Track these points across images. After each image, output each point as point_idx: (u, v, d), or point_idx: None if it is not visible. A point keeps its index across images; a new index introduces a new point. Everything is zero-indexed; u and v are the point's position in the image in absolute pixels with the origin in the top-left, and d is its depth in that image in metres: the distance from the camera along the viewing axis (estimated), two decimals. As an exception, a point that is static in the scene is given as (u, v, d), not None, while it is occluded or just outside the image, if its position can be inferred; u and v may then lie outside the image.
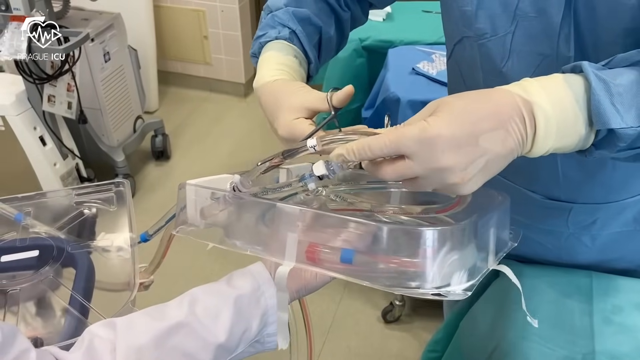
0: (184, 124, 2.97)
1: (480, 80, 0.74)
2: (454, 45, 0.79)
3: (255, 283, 0.59)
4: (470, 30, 0.70)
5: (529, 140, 0.51)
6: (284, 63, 0.71)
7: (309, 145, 0.56)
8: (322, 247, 0.54)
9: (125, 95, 2.40)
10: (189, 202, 0.62)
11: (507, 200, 0.60)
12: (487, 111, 0.50)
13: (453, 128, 0.48)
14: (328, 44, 0.82)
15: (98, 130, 2.31)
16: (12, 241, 0.74)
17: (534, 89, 0.51)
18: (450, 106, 0.49)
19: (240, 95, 3.20)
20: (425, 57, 1.73)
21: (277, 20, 0.75)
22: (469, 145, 0.48)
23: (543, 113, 0.50)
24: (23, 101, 1.97)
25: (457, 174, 0.49)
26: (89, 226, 0.83)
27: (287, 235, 0.55)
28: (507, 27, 0.66)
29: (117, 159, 2.34)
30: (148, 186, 2.54)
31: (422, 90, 1.55)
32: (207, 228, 0.62)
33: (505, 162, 0.51)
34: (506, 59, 0.68)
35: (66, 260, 0.74)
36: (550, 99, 0.50)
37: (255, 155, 2.69)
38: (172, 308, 0.57)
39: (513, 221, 0.63)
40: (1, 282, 0.70)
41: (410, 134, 0.48)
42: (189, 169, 2.65)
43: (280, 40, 0.74)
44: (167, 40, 3.10)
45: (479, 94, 0.51)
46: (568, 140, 0.52)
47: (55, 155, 2.09)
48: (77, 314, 0.66)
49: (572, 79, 0.52)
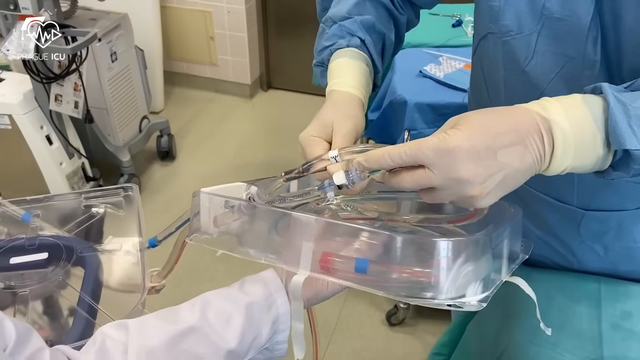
0: (190, 124, 2.97)
1: (501, 79, 0.74)
2: (479, 40, 0.79)
3: (267, 290, 0.59)
4: (496, 27, 0.70)
5: (547, 158, 0.51)
6: (358, 71, 0.72)
7: (331, 156, 0.57)
8: (336, 257, 0.54)
9: (131, 95, 2.41)
10: (203, 210, 0.62)
11: (519, 212, 0.61)
12: (507, 126, 0.50)
13: (473, 140, 0.49)
14: (389, 49, 0.83)
15: (104, 129, 2.32)
16: (21, 241, 0.74)
17: (553, 108, 0.52)
18: (470, 120, 0.50)
19: (245, 97, 3.20)
20: (433, 59, 1.72)
21: (346, 30, 0.76)
22: (487, 158, 0.49)
23: (561, 131, 0.51)
24: (30, 100, 1.97)
25: (475, 186, 0.50)
26: (97, 229, 0.83)
27: (302, 244, 0.55)
28: (533, 26, 0.66)
29: (122, 158, 2.35)
30: (153, 186, 2.54)
31: (429, 93, 1.55)
32: (220, 236, 0.62)
33: (523, 178, 0.52)
34: (530, 58, 0.68)
35: (75, 261, 0.74)
36: (568, 118, 0.51)
37: (260, 156, 2.72)
38: (184, 312, 0.57)
39: (524, 226, 0.63)
40: (10, 282, 0.70)
41: (430, 143, 0.49)
42: (194, 169, 2.65)
43: (352, 48, 0.75)
44: (173, 40, 3.11)
45: (499, 110, 0.52)
46: (586, 159, 0.52)
47: (62, 154, 2.10)
48: (85, 315, 0.67)
49: (591, 100, 0.52)
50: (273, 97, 3.26)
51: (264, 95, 3.28)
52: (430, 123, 1.52)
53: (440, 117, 1.52)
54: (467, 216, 0.59)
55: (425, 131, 1.52)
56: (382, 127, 1.64)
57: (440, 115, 1.51)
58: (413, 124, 1.51)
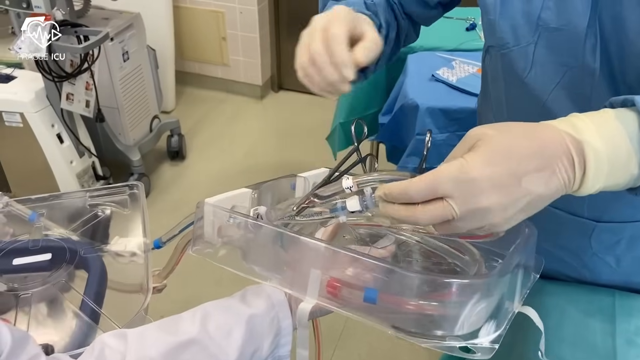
0: (200, 124, 2.97)
1: (502, 91, 0.73)
2: (484, 53, 0.78)
3: (269, 303, 0.58)
4: (494, 40, 0.69)
5: (578, 180, 0.48)
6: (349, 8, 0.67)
7: (345, 187, 0.54)
8: (345, 284, 0.52)
9: (142, 95, 2.41)
10: (207, 219, 0.61)
11: (534, 233, 0.59)
12: (532, 150, 0.47)
13: (494, 167, 0.45)
14: (388, 44, 0.78)
15: (115, 128, 2.32)
16: (24, 243, 0.73)
17: (584, 126, 0.48)
18: (491, 141, 0.47)
19: (256, 97, 3.20)
20: (446, 63, 1.70)
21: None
22: (511, 185, 0.46)
23: (594, 153, 0.47)
24: (42, 99, 1.98)
25: (496, 214, 0.46)
26: (102, 228, 0.82)
27: (309, 270, 0.53)
28: (530, 38, 0.64)
29: (132, 158, 2.35)
30: (163, 186, 2.54)
31: (441, 98, 1.53)
32: (224, 246, 0.61)
33: (547, 202, 0.49)
34: (529, 69, 0.66)
35: (79, 263, 0.73)
36: (602, 138, 0.47)
37: (270, 158, 2.71)
38: (184, 323, 0.56)
39: None
40: (13, 284, 0.69)
41: (448, 174, 0.46)
42: (204, 169, 2.65)
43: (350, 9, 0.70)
44: (185, 40, 3.11)
45: (524, 130, 0.48)
46: (619, 179, 0.49)
47: (72, 153, 2.10)
48: (87, 319, 0.66)
49: (624, 115, 0.49)
50: (284, 98, 3.25)
51: (275, 96, 3.27)
52: (442, 128, 1.50)
53: (452, 122, 1.50)
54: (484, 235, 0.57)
55: (436, 136, 1.50)
56: (393, 131, 1.62)
57: (453, 120, 1.49)
58: (424, 128, 1.49)
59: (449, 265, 0.65)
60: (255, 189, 0.68)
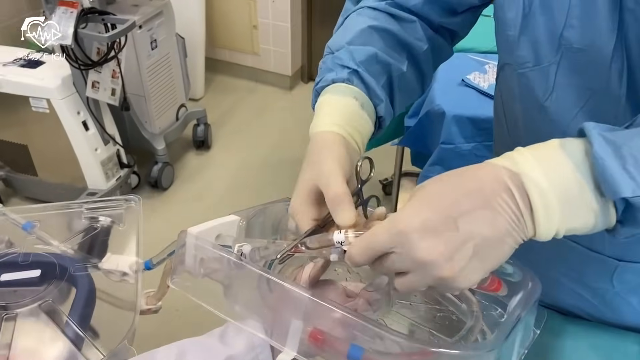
0: (228, 114, 2.95)
1: (520, 114, 0.67)
2: (499, 70, 0.72)
3: (249, 343, 0.54)
4: (511, 58, 0.63)
5: (528, 220, 0.43)
6: (340, 109, 0.62)
7: (336, 241, 0.50)
8: (328, 337, 0.48)
9: (170, 84, 2.39)
10: (189, 250, 0.57)
11: (538, 288, 0.53)
12: (466, 189, 0.44)
13: (424, 213, 0.43)
14: (401, 81, 0.71)
15: (141, 116, 2.32)
16: (14, 256, 0.72)
17: (522, 159, 0.44)
18: (423, 191, 0.45)
19: (285, 88, 3.15)
20: (478, 67, 1.61)
21: (337, 62, 0.67)
22: (447, 230, 0.43)
23: (535, 185, 0.43)
24: (68, 85, 1.98)
25: (442, 265, 0.43)
26: (101, 242, 0.80)
27: (290, 320, 0.49)
28: (552, 57, 0.58)
29: (157, 146, 2.35)
30: (187, 175, 2.54)
31: (470, 105, 1.44)
32: (205, 279, 0.57)
33: (502, 247, 0.44)
34: (549, 92, 0.60)
35: (68, 280, 0.71)
36: (542, 168, 0.43)
37: (295, 153, 2.66)
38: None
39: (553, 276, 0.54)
40: (2, 300, 0.68)
41: (380, 229, 0.45)
42: (228, 161, 2.63)
43: (338, 84, 0.65)
44: (217, 27, 3.08)
45: (462, 172, 0.46)
46: (581, 217, 0.44)
47: (97, 140, 2.11)
48: (68, 345, 0.63)
49: (570, 144, 0.44)
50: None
51: (304, 87, 3.22)
52: (469, 138, 1.42)
53: (480, 131, 1.41)
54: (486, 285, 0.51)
55: (462, 146, 1.43)
56: (418, 137, 1.55)
57: (481, 130, 1.41)
58: (450, 137, 1.42)
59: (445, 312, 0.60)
60: (244, 216, 0.64)
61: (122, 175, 2.25)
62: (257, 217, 0.66)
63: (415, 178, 2.21)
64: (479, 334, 0.54)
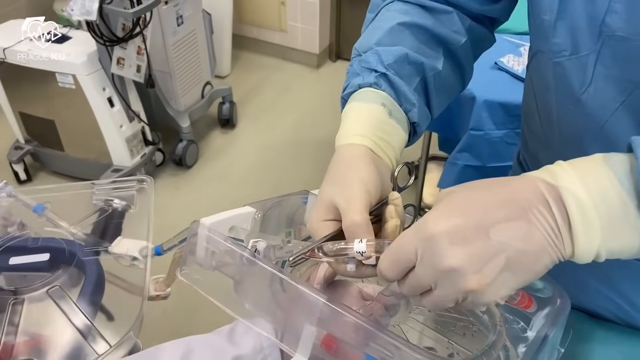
0: (254, 92, 2.92)
1: (553, 106, 0.61)
2: (530, 57, 0.66)
3: (257, 344, 0.52)
4: (546, 45, 0.57)
5: (566, 236, 0.40)
6: (365, 117, 0.58)
7: (356, 251, 0.47)
8: (342, 344, 0.46)
9: (195, 61, 2.37)
10: (200, 242, 0.54)
11: (567, 305, 0.49)
12: (500, 198, 0.41)
13: (455, 219, 0.40)
14: (438, 80, 0.66)
15: (166, 94, 2.31)
16: (24, 240, 0.70)
17: (561, 172, 0.41)
18: (452, 196, 0.42)
19: (312, 66, 3.10)
20: (512, 49, 1.53)
21: (364, 65, 0.62)
22: (478, 239, 0.39)
23: (574, 199, 0.40)
24: (94, 61, 1.98)
25: (470, 277, 0.39)
26: (114, 226, 0.78)
27: (303, 325, 0.46)
28: (591, 46, 0.53)
29: (182, 124, 2.34)
30: (211, 153, 2.53)
31: (502, 90, 1.37)
32: (215, 272, 0.55)
33: (537, 263, 0.41)
34: (587, 84, 0.55)
35: (76, 266, 0.69)
36: (583, 182, 0.40)
37: (321, 133, 2.62)
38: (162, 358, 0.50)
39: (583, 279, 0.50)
40: (10, 286, 0.67)
41: (406, 235, 0.42)
42: (253, 140, 2.61)
43: (364, 89, 0.61)
44: (244, 4, 3.04)
45: (494, 180, 0.43)
46: (624, 237, 0.40)
47: (122, 117, 2.11)
48: (76, 333, 0.62)
49: (614, 158, 0.41)
50: (341, 68, 3.13)
51: (332, 66, 3.16)
52: (500, 124, 1.35)
53: (512, 118, 1.35)
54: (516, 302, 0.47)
55: (493, 132, 1.36)
56: (446, 123, 1.48)
57: (513, 116, 1.34)
58: (480, 123, 1.35)
59: (465, 321, 0.56)
60: (259, 208, 0.61)
61: (146, 153, 2.25)
62: (273, 210, 0.63)
63: (442, 162, 2.15)
64: (502, 350, 0.50)
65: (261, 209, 0.61)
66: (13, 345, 0.60)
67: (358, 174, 0.51)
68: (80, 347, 0.61)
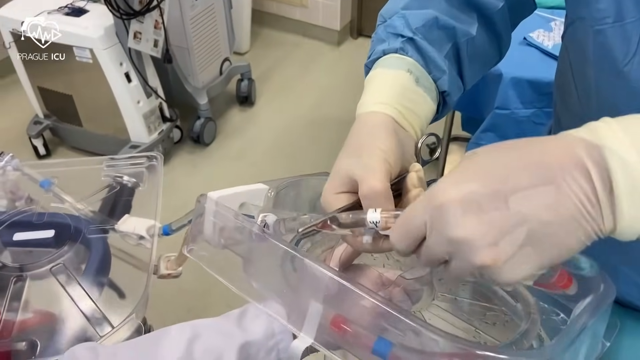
0: (273, 69, 2.87)
1: (592, 80, 0.56)
2: (567, 26, 0.61)
3: (269, 329, 0.48)
4: (587, 11, 0.52)
5: (606, 207, 0.34)
6: (389, 84, 0.54)
7: (370, 221, 0.43)
8: (351, 326, 0.42)
9: (214, 36, 2.33)
10: (207, 217, 0.51)
11: (612, 292, 0.44)
12: (527, 160, 0.35)
13: (469, 185, 0.35)
14: (471, 47, 0.61)
15: (184, 69, 2.27)
16: (29, 215, 0.68)
17: (607, 130, 0.35)
18: (472, 159, 0.38)
19: (333, 43, 3.03)
20: (543, 24, 1.46)
21: (389, 31, 0.58)
22: (494, 208, 0.34)
23: (620, 161, 0.33)
24: (111, 36, 1.95)
25: (483, 250, 0.35)
26: (123, 204, 0.75)
27: (309, 302, 0.43)
28: (637, 13, 0.48)
29: (200, 101, 2.31)
30: (229, 131, 2.50)
31: (531, 66, 1.31)
32: (224, 250, 0.52)
33: (567, 239, 0.35)
34: (631, 55, 0.50)
35: (82, 243, 0.67)
36: (632, 141, 0.34)
37: (340, 112, 2.57)
38: (167, 344, 0.48)
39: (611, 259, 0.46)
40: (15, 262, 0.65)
41: (417, 204, 0.39)
42: (272, 118, 2.57)
43: (390, 55, 0.56)
44: (265, -22, 2.97)
45: (525, 141, 0.37)
46: None
47: (140, 93, 2.09)
48: (80, 315, 0.60)
49: None
50: (362, 45, 3.06)
51: (353, 43, 3.08)
52: (527, 103, 1.29)
53: (541, 96, 1.28)
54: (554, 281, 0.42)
55: (519, 112, 1.30)
56: (470, 100, 1.42)
57: (542, 94, 1.27)
58: (506, 102, 1.29)
59: (496, 310, 0.52)
60: (273, 186, 0.57)
61: (164, 129, 2.23)
62: (288, 190, 0.60)
63: (464, 143, 2.09)
64: (535, 340, 0.46)
65: (275, 187, 0.58)
66: (14, 322, 0.58)
67: (377, 144, 0.47)
68: (84, 328, 0.59)
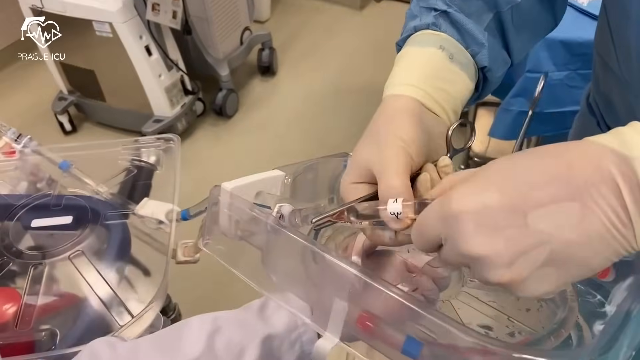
0: (294, 36, 2.81)
1: (632, 38, 0.50)
2: None
3: (292, 321, 0.47)
4: None
5: (638, 224, 0.31)
6: (418, 63, 0.50)
7: (390, 212, 0.40)
8: (379, 324, 0.40)
9: (233, 5, 2.28)
10: (222, 209, 0.49)
11: None
12: (548, 174, 0.32)
13: (486, 197, 0.33)
14: (516, 15, 0.55)
15: (204, 40, 2.24)
16: (47, 199, 0.67)
17: (637, 138, 0.31)
18: (493, 166, 0.34)
19: (355, 8, 2.94)
20: (578, -21, 1.37)
21: (422, 5, 0.54)
22: (511, 225, 0.32)
23: None
24: (129, 8, 1.92)
25: (498, 269, 0.32)
26: (141, 187, 0.74)
27: (333, 299, 0.41)
28: None
29: (221, 72, 2.28)
30: (251, 102, 2.47)
31: (565, 26, 1.19)
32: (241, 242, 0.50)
33: (594, 257, 0.32)
34: None
35: (103, 225, 0.66)
36: None
37: (364, 78, 2.51)
38: (188, 337, 0.47)
39: None
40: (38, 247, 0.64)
41: (430, 211, 0.36)
42: (294, 87, 2.53)
43: (422, 31, 0.52)
44: (283, -59, 2.88)
45: (549, 150, 0.34)
46: None
47: (160, 66, 2.07)
48: (97, 304, 0.59)
49: None
50: (386, 9, 2.96)
51: (376, 7, 2.99)
52: (560, 65, 1.22)
53: (575, 57, 1.21)
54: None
55: (552, 74, 1.23)
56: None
57: (576, 55, 1.20)
58: (538, 64, 1.22)
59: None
60: (290, 172, 0.55)
61: (186, 102, 2.22)
62: (306, 174, 0.57)
63: (494, 108, 2.02)
64: (574, 329, 0.43)
65: (292, 173, 0.55)
66: (35, 307, 0.58)
67: (399, 133, 0.43)
68: (102, 315, 0.59)
